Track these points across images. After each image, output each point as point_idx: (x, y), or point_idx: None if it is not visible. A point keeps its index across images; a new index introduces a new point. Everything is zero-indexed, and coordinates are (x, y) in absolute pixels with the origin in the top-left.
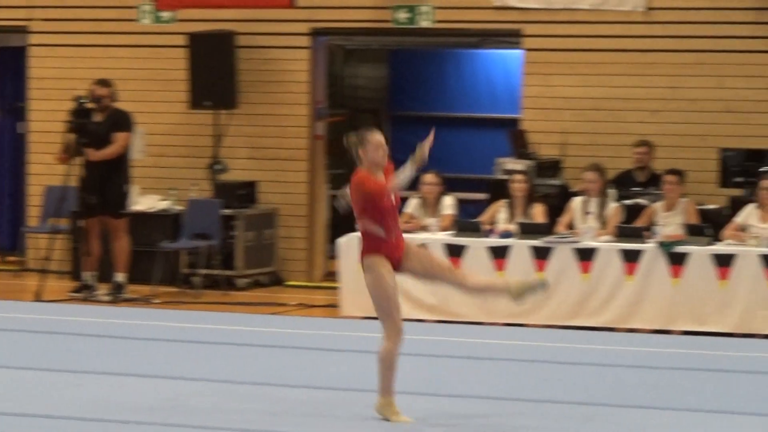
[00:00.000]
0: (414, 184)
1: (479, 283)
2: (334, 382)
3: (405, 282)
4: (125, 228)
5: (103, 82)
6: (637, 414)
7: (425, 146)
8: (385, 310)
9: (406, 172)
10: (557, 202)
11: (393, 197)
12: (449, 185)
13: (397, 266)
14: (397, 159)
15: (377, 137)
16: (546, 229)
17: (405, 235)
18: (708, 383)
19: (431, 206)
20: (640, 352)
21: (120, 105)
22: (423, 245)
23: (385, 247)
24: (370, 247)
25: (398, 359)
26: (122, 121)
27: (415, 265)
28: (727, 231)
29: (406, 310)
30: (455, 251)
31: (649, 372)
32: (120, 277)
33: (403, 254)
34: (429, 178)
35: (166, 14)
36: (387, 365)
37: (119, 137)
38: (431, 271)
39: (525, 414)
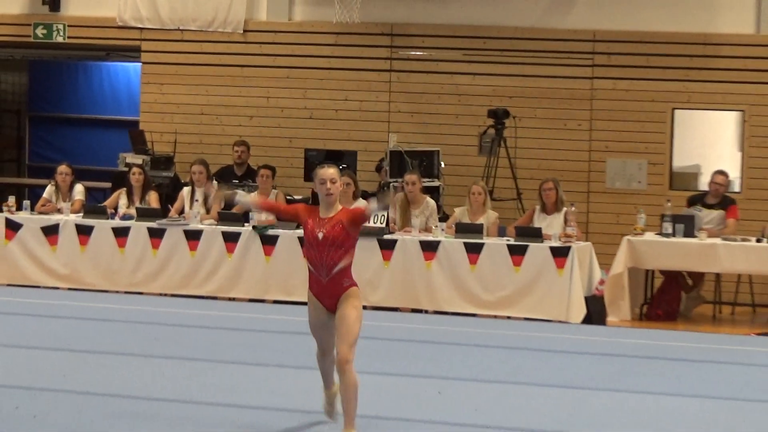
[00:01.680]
0: None
1: (344, 389)
2: None
3: (42, 252)
4: None
5: None
6: (234, 369)
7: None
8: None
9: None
10: (169, 190)
11: (321, 233)
12: (79, 175)
13: (331, 309)
14: (37, 153)
15: (325, 171)
16: (160, 213)
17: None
18: (299, 343)
19: (64, 192)
20: (238, 317)
21: None
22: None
23: (313, 284)
24: (308, 279)
25: (328, 365)
26: None
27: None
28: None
29: (43, 280)
30: (84, 230)
31: (246, 334)
32: None
33: (337, 302)
34: (62, 168)
35: None
36: (319, 368)
37: None
38: (336, 328)
39: (141, 368)
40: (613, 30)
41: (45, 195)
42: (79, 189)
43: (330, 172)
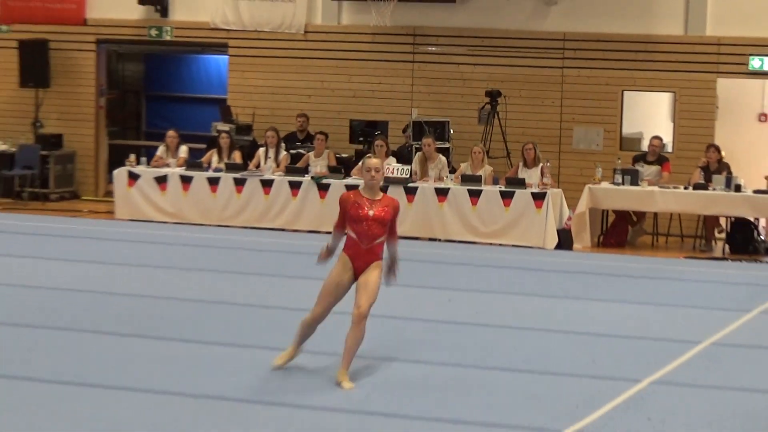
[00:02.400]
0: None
1: (352, 338)
2: (104, 258)
3: (155, 195)
4: None
5: None
6: (297, 282)
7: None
8: (318, 294)
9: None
10: (249, 150)
11: (372, 212)
12: (183, 138)
13: (358, 272)
14: (151, 122)
15: (371, 162)
16: (242, 168)
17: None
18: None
19: (172, 151)
20: (301, 244)
21: None
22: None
23: (350, 248)
24: (345, 243)
25: (307, 331)
26: None
27: (360, 279)
28: (354, 170)
29: (153, 215)
30: (186, 180)
31: (306, 257)
32: None
33: (365, 267)
34: (171, 133)
35: (4, 27)
36: (300, 328)
37: None
38: (359, 288)
39: (230, 281)
40: (578, 32)
41: (158, 153)
42: (183, 149)
43: (375, 162)
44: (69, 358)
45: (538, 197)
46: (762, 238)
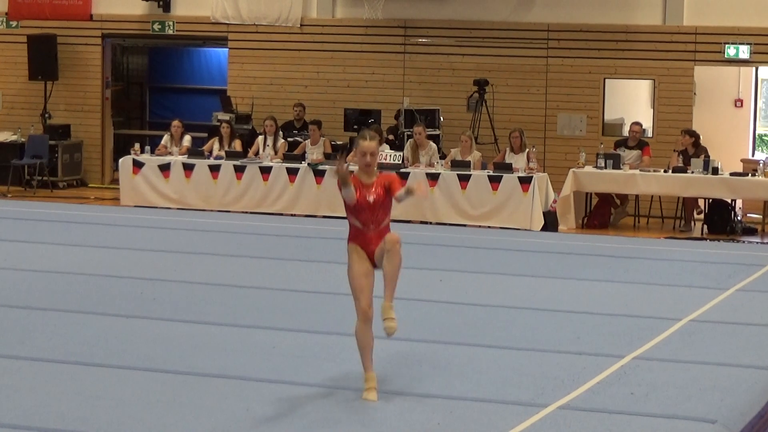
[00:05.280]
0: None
1: (390, 266)
2: (110, 243)
3: (159, 182)
4: None
5: None
6: (294, 264)
7: (418, 192)
8: (352, 293)
9: (402, 193)
10: (248, 138)
11: (371, 198)
12: (187, 128)
13: (372, 257)
14: (154, 113)
15: (366, 144)
16: (242, 155)
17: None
18: (343, 247)
19: (176, 140)
20: (298, 228)
21: None
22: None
23: (360, 238)
24: (350, 234)
25: (368, 338)
26: None
27: (378, 253)
28: (349, 157)
29: (157, 201)
30: (189, 167)
31: (304, 240)
32: None
33: (377, 245)
34: (176, 123)
35: (14, 22)
36: (358, 344)
37: None
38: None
39: (230, 264)
40: (561, 23)
41: (162, 142)
42: (187, 138)
43: (371, 145)
44: (74, 339)
45: (525, 181)
46: (738, 218)
